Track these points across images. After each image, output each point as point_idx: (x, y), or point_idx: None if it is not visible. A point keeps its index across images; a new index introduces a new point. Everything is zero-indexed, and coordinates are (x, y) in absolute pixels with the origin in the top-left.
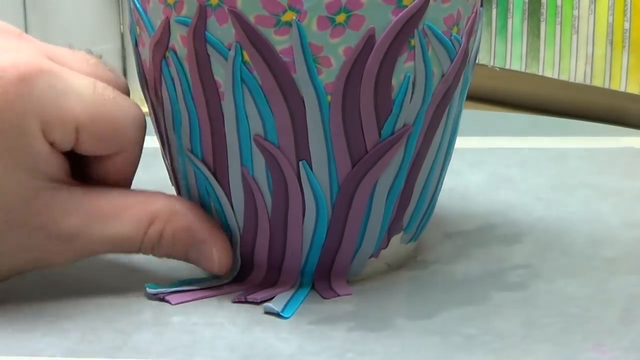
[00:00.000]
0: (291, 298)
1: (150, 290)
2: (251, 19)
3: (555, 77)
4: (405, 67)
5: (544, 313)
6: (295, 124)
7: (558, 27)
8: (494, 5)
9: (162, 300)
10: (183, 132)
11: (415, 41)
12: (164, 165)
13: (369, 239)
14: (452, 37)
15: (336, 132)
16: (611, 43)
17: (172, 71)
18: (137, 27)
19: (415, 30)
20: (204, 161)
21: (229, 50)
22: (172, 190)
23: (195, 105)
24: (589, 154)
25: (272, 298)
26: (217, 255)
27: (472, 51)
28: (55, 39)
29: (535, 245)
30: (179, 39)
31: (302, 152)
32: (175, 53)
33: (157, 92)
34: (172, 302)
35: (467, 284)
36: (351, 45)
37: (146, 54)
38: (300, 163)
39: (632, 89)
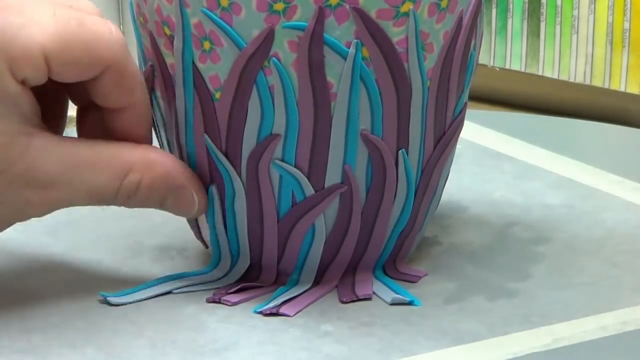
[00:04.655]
0: (390, 288)
1: (261, 309)
2: (372, 14)
3: (555, 77)
4: (472, 44)
5: (609, 252)
6: (400, 113)
7: (558, 27)
8: (494, 5)
9: (277, 314)
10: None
11: (478, 18)
12: None
13: (429, 219)
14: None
15: (429, 116)
16: (611, 43)
17: (272, 80)
18: (204, 43)
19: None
20: (297, 167)
21: (348, 48)
22: None
23: (299, 111)
24: None
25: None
26: (197, 198)
27: None
28: None
29: (486, 210)
30: (285, 45)
31: (402, 141)
32: (279, 60)
33: (237, 106)
34: (291, 315)
35: (499, 248)
36: (448, 29)
37: (221, 69)
38: (400, 152)
39: (632, 89)
